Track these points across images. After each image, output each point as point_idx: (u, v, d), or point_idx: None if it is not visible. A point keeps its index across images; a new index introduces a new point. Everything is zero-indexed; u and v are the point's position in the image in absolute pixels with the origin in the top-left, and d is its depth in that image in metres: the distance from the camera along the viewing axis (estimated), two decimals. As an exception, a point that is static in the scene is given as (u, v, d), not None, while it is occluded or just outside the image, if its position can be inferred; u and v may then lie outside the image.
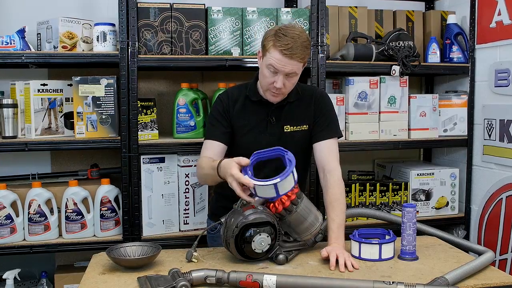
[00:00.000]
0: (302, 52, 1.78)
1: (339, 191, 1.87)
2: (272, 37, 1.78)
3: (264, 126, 1.95)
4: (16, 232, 2.21)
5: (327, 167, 1.91)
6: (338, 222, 1.82)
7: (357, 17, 2.64)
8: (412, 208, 1.77)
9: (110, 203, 2.31)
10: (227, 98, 1.97)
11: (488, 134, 2.56)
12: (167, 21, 2.29)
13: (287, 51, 1.75)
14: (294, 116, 1.96)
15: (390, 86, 2.59)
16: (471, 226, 2.71)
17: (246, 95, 1.96)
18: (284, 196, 1.74)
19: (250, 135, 1.95)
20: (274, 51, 1.77)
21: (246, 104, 1.96)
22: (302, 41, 1.78)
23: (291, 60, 1.77)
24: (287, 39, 1.76)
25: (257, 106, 1.95)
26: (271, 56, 1.78)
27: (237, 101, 1.96)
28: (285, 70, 1.79)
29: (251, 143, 1.91)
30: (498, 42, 2.50)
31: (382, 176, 2.92)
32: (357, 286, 1.49)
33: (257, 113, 1.95)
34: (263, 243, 1.68)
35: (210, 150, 1.92)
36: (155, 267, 1.70)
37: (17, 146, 2.20)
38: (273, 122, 1.94)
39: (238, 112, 1.95)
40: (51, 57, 2.23)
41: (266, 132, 1.94)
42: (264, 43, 1.82)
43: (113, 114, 2.28)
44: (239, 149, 1.94)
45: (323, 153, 1.94)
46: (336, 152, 1.96)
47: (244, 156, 1.75)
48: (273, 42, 1.77)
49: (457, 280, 1.56)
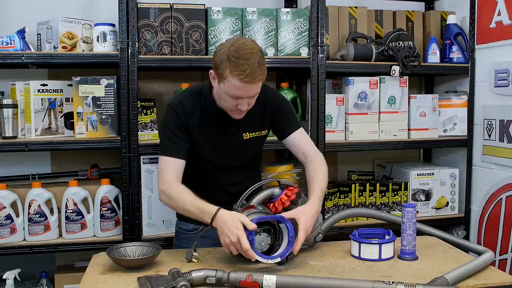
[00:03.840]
0: (262, 72, 1.69)
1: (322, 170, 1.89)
2: (227, 64, 1.65)
3: (223, 136, 1.87)
4: (16, 232, 2.21)
5: (307, 154, 1.92)
6: (322, 186, 1.83)
7: (357, 17, 2.64)
8: (412, 208, 1.77)
9: (110, 203, 2.31)
10: (183, 111, 1.82)
11: (488, 134, 2.56)
12: (167, 21, 2.29)
13: (247, 77, 1.64)
14: (253, 123, 1.89)
15: (390, 86, 2.59)
16: (471, 226, 2.71)
17: (202, 107, 1.84)
18: (284, 196, 1.75)
19: (210, 146, 1.87)
20: (233, 80, 1.66)
21: (203, 116, 1.84)
22: (258, 58, 1.66)
23: (253, 84, 1.68)
24: (243, 64, 1.63)
25: (216, 117, 1.84)
26: (231, 85, 1.67)
27: (193, 113, 1.83)
28: (249, 95, 1.72)
29: (211, 155, 1.87)
30: (498, 42, 2.50)
31: (382, 176, 2.92)
32: (357, 286, 1.49)
33: (216, 124, 1.85)
34: (263, 243, 1.69)
35: (173, 170, 1.79)
36: (155, 267, 1.70)
37: (17, 146, 2.20)
38: (233, 131, 1.87)
39: (196, 125, 1.83)
40: (51, 57, 2.23)
41: (226, 142, 1.87)
42: (220, 71, 1.68)
43: (113, 114, 2.28)
44: (198, 161, 1.88)
45: (298, 143, 1.94)
46: (308, 139, 1.98)
47: (202, 167, 1.82)
48: (229, 70, 1.65)
49: (457, 280, 1.56)
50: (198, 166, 1.90)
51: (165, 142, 1.84)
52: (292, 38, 2.42)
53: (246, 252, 1.59)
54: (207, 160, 1.88)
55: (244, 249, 1.59)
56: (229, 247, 1.63)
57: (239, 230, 1.59)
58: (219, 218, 1.64)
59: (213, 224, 1.66)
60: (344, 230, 2.43)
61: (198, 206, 1.70)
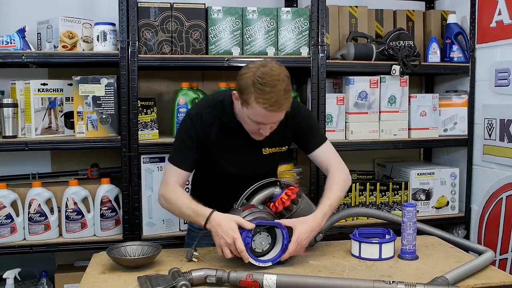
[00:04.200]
0: (288, 100, 1.64)
1: (338, 175, 1.84)
2: (252, 89, 1.60)
3: (242, 150, 1.84)
4: (16, 231, 2.21)
5: (329, 169, 1.89)
6: (332, 202, 1.78)
7: (357, 16, 2.64)
8: (412, 207, 1.77)
9: (110, 202, 2.30)
10: (201, 123, 1.79)
11: (488, 134, 2.56)
12: (167, 20, 2.29)
13: (272, 106, 1.60)
14: (274, 139, 1.84)
15: (390, 86, 2.58)
16: (471, 225, 2.70)
17: (221, 120, 1.80)
18: (284, 196, 1.75)
19: (228, 159, 1.85)
20: (257, 107, 1.62)
21: (222, 129, 1.81)
22: (284, 85, 1.62)
23: (278, 112, 1.65)
24: (269, 92, 1.59)
25: (235, 131, 1.81)
26: (254, 112, 1.64)
27: (211, 126, 1.80)
28: (272, 121, 1.70)
29: (228, 168, 1.85)
30: (498, 41, 2.50)
31: (382, 176, 2.92)
32: (357, 285, 1.49)
33: (235, 138, 1.82)
34: (263, 243, 1.69)
35: (176, 177, 1.79)
36: (155, 266, 1.70)
37: (17, 145, 2.20)
38: (252, 146, 1.84)
39: (213, 137, 1.81)
40: (51, 56, 2.23)
41: (245, 156, 1.85)
42: (244, 96, 1.63)
43: (113, 114, 2.28)
44: (214, 171, 1.88)
45: (323, 159, 1.91)
46: (333, 153, 1.92)
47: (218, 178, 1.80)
48: (254, 97, 1.61)
49: (457, 279, 1.56)
50: (214, 177, 1.91)
51: (175, 150, 1.84)
52: (292, 37, 2.41)
53: (241, 253, 1.60)
54: (223, 172, 1.86)
55: (239, 250, 1.60)
56: (223, 248, 1.64)
57: (234, 232, 1.60)
58: (213, 220, 1.65)
59: (207, 226, 1.66)
60: (345, 229, 2.43)
61: (193, 209, 1.71)
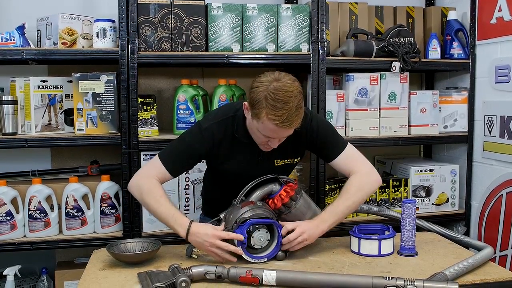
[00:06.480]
0: (299, 117, 1.64)
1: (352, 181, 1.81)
2: (263, 104, 1.59)
3: (253, 162, 1.83)
4: (16, 228, 2.22)
5: (350, 175, 1.86)
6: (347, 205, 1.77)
7: (357, 13, 2.64)
8: (412, 203, 1.77)
9: (110, 199, 2.31)
10: (212, 138, 1.77)
11: (488, 131, 2.56)
12: (167, 17, 2.29)
13: (283, 123, 1.60)
14: (287, 150, 1.84)
15: (391, 83, 2.58)
16: (471, 222, 2.71)
17: (233, 134, 1.79)
18: (283, 192, 1.75)
19: (239, 170, 1.84)
20: (268, 122, 1.61)
21: (234, 143, 1.80)
22: (296, 102, 1.61)
23: (288, 129, 1.65)
24: (280, 109, 1.58)
25: (248, 145, 1.80)
26: (265, 126, 1.63)
27: (222, 141, 1.79)
28: (282, 137, 1.70)
29: (239, 178, 1.81)
30: (499, 38, 2.49)
31: (383, 173, 2.92)
32: (357, 281, 1.49)
33: (247, 151, 1.82)
34: (262, 239, 1.69)
35: (159, 175, 1.78)
36: (155, 263, 1.71)
37: (17, 142, 2.20)
38: (264, 158, 1.83)
39: (225, 150, 1.80)
40: (51, 53, 2.23)
41: (256, 167, 1.83)
42: (255, 110, 1.62)
43: (113, 111, 2.28)
44: (225, 179, 1.90)
45: (343, 167, 1.87)
46: (352, 157, 1.86)
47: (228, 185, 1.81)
48: (265, 112, 1.59)
49: (456, 275, 1.56)
50: (224, 184, 1.92)
51: (171, 150, 1.83)
52: (292, 34, 2.41)
53: (232, 251, 1.64)
54: (234, 181, 1.85)
55: (227, 249, 1.64)
56: (215, 252, 1.67)
57: (211, 238, 1.64)
58: (192, 235, 1.67)
59: (188, 239, 1.69)
60: (344, 226, 2.43)
61: (170, 214, 1.72)
